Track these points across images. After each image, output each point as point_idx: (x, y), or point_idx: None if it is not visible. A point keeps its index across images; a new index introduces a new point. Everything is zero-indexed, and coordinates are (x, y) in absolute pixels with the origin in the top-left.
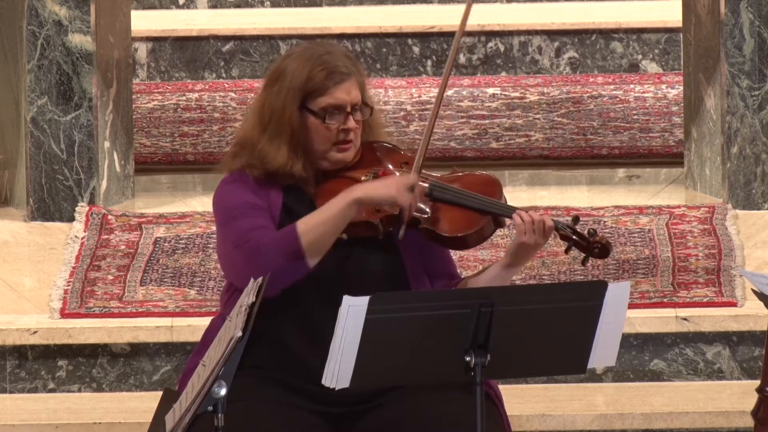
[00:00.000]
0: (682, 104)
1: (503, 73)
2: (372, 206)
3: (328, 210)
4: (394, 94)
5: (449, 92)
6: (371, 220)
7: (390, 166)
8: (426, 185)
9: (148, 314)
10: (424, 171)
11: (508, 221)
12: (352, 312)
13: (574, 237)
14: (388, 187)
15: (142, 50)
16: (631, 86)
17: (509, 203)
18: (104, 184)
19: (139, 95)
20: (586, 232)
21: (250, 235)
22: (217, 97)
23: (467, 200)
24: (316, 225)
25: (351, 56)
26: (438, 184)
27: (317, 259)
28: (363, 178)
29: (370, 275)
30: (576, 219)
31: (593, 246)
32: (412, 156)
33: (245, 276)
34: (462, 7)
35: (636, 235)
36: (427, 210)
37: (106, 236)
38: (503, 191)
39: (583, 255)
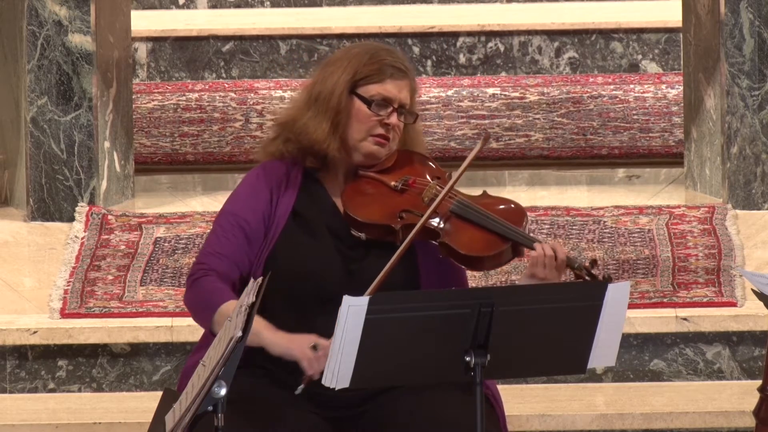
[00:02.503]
0: (682, 104)
1: (503, 73)
2: (268, 350)
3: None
4: None
5: (449, 92)
6: (392, 225)
7: (421, 177)
8: (452, 202)
9: (148, 314)
10: (454, 189)
11: (527, 252)
12: (352, 312)
13: (587, 278)
14: (290, 345)
15: (142, 50)
16: (631, 86)
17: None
18: (104, 184)
19: (139, 95)
20: (601, 276)
21: (202, 264)
22: (217, 97)
23: (490, 223)
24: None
25: (410, 65)
26: (464, 202)
27: None
28: (392, 184)
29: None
30: (594, 262)
31: None
32: (445, 171)
33: None
34: (462, 6)
35: (636, 235)
36: (450, 226)
37: (106, 236)
38: (528, 222)
39: None
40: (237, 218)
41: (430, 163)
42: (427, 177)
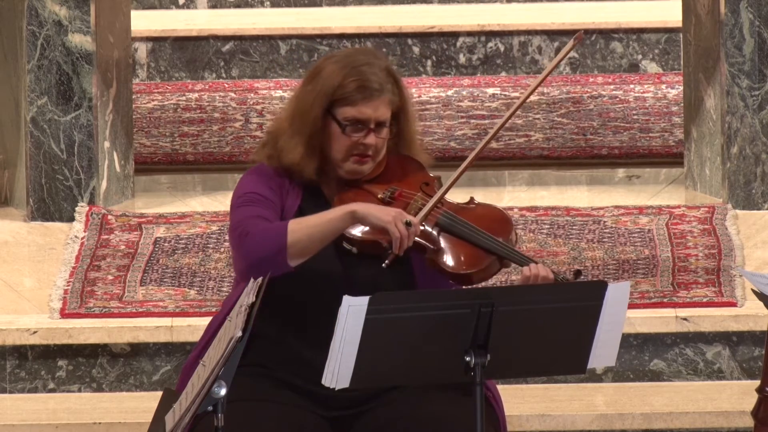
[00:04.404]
0: (682, 104)
1: (503, 73)
2: (365, 224)
3: (322, 216)
4: None
5: (449, 92)
6: (381, 241)
7: (408, 188)
8: (438, 214)
9: (148, 314)
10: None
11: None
12: (352, 312)
13: None
14: (386, 214)
15: (142, 50)
16: (631, 86)
17: (508, 204)
18: (104, 184)
19: (139, 95)
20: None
21: (247, 222)
22: (217, 97)
23: (478, 238)
24: (307, 226)
25: (392, 71)
26: (450, 215)
27: (299, 261)
28: (380, 195)
29: (379, 287)
30: (578, 273)
31: None
32: (434, 178)
33: (235, 262)
34: (462, 6)
35: (636, 235)
36: (436, 240)
37: (106, 236)
38: (515, 232)
39: None
40: (253, 193)
41: (420, 169)
42: (417, 185)
